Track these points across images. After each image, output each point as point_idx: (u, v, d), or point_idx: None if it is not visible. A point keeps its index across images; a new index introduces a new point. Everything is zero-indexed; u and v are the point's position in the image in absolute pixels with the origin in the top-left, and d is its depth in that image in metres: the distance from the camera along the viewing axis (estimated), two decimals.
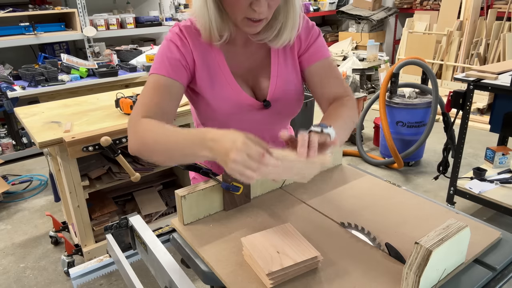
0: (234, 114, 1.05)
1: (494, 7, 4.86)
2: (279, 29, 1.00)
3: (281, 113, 1.12)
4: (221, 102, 1.04)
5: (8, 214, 2.93)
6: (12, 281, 2.25)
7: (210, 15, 0.93)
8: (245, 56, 1.07)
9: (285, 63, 1.09)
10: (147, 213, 2.40)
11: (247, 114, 1.06)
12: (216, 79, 1.03)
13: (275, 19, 0.99)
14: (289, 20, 0.99)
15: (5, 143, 3.72)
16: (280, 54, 1.09)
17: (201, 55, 1.01)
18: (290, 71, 1.10)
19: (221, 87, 1.03)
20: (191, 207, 1.01)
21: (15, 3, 4.02)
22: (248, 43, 1.07)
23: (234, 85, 1.04)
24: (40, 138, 1.82)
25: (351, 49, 5.81)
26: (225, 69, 1.03)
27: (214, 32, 0.96)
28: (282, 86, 1.08)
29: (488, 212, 2.79)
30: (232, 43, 1.04)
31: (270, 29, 1.01)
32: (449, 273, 0.81)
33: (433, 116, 3.20)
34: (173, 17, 4.70)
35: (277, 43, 1.03)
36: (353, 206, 1.08)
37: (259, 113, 1.08)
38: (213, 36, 0.97)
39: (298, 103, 1.13)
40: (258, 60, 1.08)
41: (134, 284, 0.87)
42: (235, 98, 1.04)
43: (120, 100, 2.13)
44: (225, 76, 1.04)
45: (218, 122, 1.06)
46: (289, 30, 1.00)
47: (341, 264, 0.86)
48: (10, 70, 3.89)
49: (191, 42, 1.00)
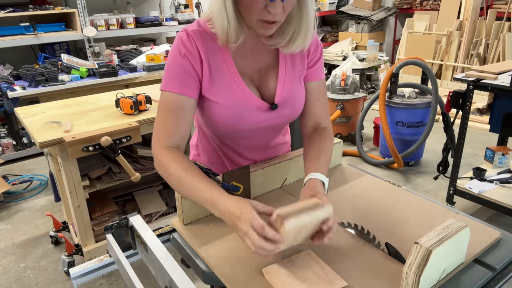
0: (241, 115, 1.05)
1: (494, 7, 4.86)
2: (291, 34, 1.00)
3: (286, 116, 1.12)
4: (229, 105, 1.04)
5: (9, 214, 2.93)
6: (12, 281, 2.25)
7: (229, 18, 0.93)
8: (253, 58, 1.07)
9: (292, 68, 1.10)
10: (147, 213, 2.41)
11: (253, 115, 1.06)
12: (223, 80, 1.03)
13: (288, 23, 0.99)
14: (303, 25, 0.99)
15: (5, 143, 3.72)
16: (288, 60, 1.10)
17: (209, 57, 1.02)
18: (297, 77, 1.11)
19: (230, 88, 1.03)
20: (191, 207, 1.01)
21: (15, 3, 4.02)
22: (257, 47, 1.07)
23: (242, 86, 1.04)
24: (41, 138, 1.82)
25: (351, 49, 5.81)
26: (233, 71, 1.04)
27: (232, 34, 0.96)
28: (289, 90, 1.09)
29: (487, 212, 2.79)
30: (241, 46, 1.04)
31: (282, 34, 1.01)
32: (449, 273, 0.81)
33: (433, 116, 3.20)
34: (173, 17, 4.70)
35: (289, 49, 1.03)
36: (353, 206, 1.08)
37: (265, 115, 1.08)
38: (230, 38, 0.97)
39: (301, 108, 1.15)
40: (266, 63, 1.09)
41: (134, 284, 0.87)
42: (243, 100, 1.04)
43: (120, 100, 2.13)
44: (234, 77, 1.04)
45: (223, 124, 1.06)
46: (302, 36, 1.00)
47: (341, 264, 0.86)
48: (11, 70, 3.89)
49: (200, 45, 1.01)
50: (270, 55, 1.09)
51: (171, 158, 0.95)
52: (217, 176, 1.05)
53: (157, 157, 0.98)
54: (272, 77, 1.08)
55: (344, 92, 3.87)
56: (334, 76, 3.97)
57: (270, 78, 1.08)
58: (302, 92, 1.13)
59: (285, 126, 1.24)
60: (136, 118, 2.06)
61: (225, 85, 1.03)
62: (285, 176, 1.20)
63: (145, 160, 2.31)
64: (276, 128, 1.16)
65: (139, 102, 2.13)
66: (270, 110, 1.07)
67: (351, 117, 3.91)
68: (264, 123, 1.09)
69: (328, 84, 4.00)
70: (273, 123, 1.11)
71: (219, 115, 1.04)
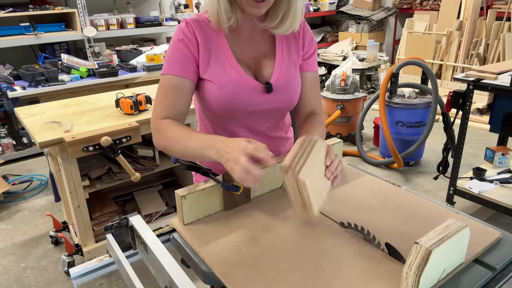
0: (236, 94, 1.09)
1: (494, 7, 4.86)
2: (281, 16, 1.09)
3: (282, 101, 1.15)
4: (224, 84, 1.09)
5: (9, 214, 2.93)
6: (12, 281, 2.25)
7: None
8: (249, 46, 1.14)
9: (289, 56, 1.16)
10: (147, 213, 2.41)
11: (248, 96, 1.10)
12: (219, 61, 1.09)
13: (278, 6, 1.08)
14: (292, 8, 1.07)
15: (5, 143, 3.72)
16: (284, 48, 1.16)
17: (206, 41, 1.09)
18: (293, 64, 1.17)
19: (224, 70, 1.09)
20: (191, 207, 1.01)
21: (15, 3, 4.02)
22: (253, 35, 1.14)
23: (237, 68, 1.09)
24: (41, 138, 1.82)
25: (351, 49, 5.81)
26: (228, 54, 1.10)
27: (222, 15, 1.03)
28: (285, 75, 1.14)
29: (487, 212, 2.80)
30: (237, 33, 1.11)
31: (273, 17, 1.10)
32: (448, 273, 0.81)
33: (433, 116, 3.20)
34: (173, 17, 4.70)
35: (280, 29, 1.11)
36: (353, 206, 1.08)
37: (260, 97, 1.12)
38: (222, 19, 1.04)
39: (297, 95, 1.19)
40: (262, 51, 1.15)
41: (134, 284, 0.87)
42: (237, 80, 1.09)
43: (120, 100, 2.13)
44: (228, 59, 1.10)
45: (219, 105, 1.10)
46: (291, 18, 1.09)
47: (341, 264, 0.86)
48: (11, 70, 3.89)
49: (197, 30, 1.08)
50: (266, 44, 1.16)
51: (169, 123, 1.04)
52: (217, 176, 1.05)
53: (154, 128, 1.06)
54: (268, 64, 1.14)
55: (344, 92, 3.87)
56: (334, 76, 3.97)
57: (267, 65, 1.14)
58: (298, 79, 1.18)
59: (283, 115, 1.26)
60: (136, 118, 2.06)
61: (220, 67, 1.09)
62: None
63: (145, 160, 2.31)
64: (273, 114, 1.19)
65: (139, 102, 2.13)
66: (266, 93, 1.12)
67: (351, 117, 3.91)
68: (260, 106, 1.13)
69: (328, 84, 4.00)
70: (269, 108, 1.15)
71: (213, 95, 1.09)
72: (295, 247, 0.92)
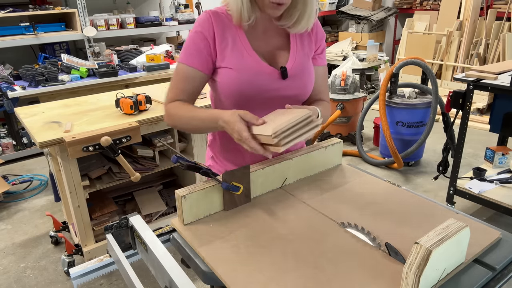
0: (252, 80, 1.13)
1: (494, 7, 4.86)
2: (298, 16, 1.16)
3: (296, 88, 1.19)
4: (241, 69, 1.13)
5: (9, 214, 2.93)
6: (12, 281, 2.25)
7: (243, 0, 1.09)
8: (264, 41, 1.20)
9: (302, 49, 1.22)
10: (147, 213, 2.41)
11: (264, 81, 1.15)
12: (235, 50, 1.14)
13: (294, 7, 1.15)
14: (307, 9, 1.14)
15: (5, 143, 3.72)
16: (298, 42, 1.22)
17: (223, 32, 1.14)
18: (306, 56, 1.23)
19: (241, 56, 1.14)
20: (191, 207, 1.01)
21: (15, 3, 4.02)
22: (268, 31, 1.20)
23: (254, 56, 1.15)
24: (40, 138, 1.82)
25: (351, 49, 5.81)
26: (245, 43, 1.15)
27: (245, 13, 1.10)
28: (299, 63, 1.20)
29: (487, 212, 2.80)
30: (253, 28, 1.17)
31: (290, 17, 1.16)
32: (449, 273, 0.81)
33: (433, 116, 3.20)
34: (173, 17, 4.70)
35: (295, 29, 1.18)
36: (353, 206, 1.08)
37: (275, 83, 1.16)
38: (244, 17, 1.11)
39: (311, 84, 1.24)
40: (277, 45, 1.21)
41: (134, 284, 0.87)
42: (254, 67, 1.14)
43: (120, 100, 2.13)
44: (246, 49, 1.15)
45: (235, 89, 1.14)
46: (306, 19, 1.16)
47: (341, 264, 0.86)
48: (11, 70, 3.89)
49: (215, 22, 1.14)
50: (281, 38, 1.21)
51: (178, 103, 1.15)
52: (217, 176, 1.05)
53: (166, 111, 1.17)
54: (283, 56, 1.20)
55: (344, 92, 3.87)
56: (334, 76, 3.97)
57: (281, 56, 1.20)
58: (311, 69, 1.24)
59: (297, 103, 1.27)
60: (136, 118, 2.06)
61: (237, 55, 1.14)
62: (285, 176, 1.20)
63: (145, 160, 2.31)
64: (288, 101, 1.21)
65: (139, 102, 2.13)
66: (281, 79, 1.16)
67: (351, 117, 3.91)
68: (276, 92, 1.17)
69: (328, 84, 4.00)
70: (285, 94, 1.18)
71: (231, 80, 1.14)
72: (295, 247, 0.92)
